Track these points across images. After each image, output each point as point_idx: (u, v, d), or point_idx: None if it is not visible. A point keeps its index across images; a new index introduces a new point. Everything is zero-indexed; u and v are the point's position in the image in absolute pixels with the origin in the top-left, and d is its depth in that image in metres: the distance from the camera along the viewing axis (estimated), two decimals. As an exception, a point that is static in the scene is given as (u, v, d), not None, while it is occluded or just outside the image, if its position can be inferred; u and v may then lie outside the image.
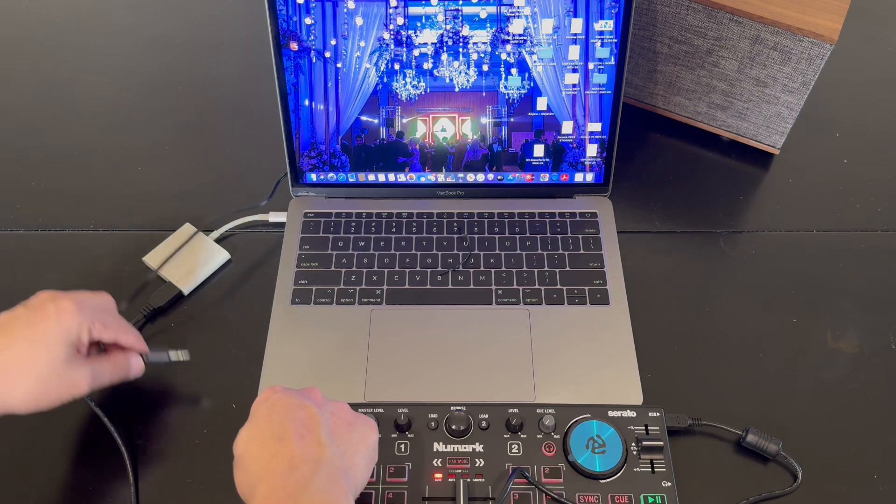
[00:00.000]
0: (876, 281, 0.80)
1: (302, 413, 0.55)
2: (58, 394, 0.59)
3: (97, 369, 0.62)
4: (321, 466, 0.53)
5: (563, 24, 0.75)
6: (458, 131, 0.80)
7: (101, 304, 0.65)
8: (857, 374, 0.73)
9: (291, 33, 0.75)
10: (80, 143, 0.92)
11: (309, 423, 0.55)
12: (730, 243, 0.83)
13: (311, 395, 0.58)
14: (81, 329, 0.60)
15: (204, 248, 0.81)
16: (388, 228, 0.82)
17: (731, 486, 0.66)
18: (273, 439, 0.54)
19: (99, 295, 0.66)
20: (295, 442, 0.54)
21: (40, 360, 0.58)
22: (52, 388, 0.59)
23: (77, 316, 0.60)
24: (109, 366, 0.63)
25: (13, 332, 0.58)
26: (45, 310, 0.59)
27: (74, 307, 0.60)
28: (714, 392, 0.72)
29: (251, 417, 0.57)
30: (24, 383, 0.57)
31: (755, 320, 0.77)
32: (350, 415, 0.58)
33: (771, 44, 0.80)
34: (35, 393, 0.58)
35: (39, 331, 0.58)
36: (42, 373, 0.58)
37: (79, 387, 0.60)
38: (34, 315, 0.59)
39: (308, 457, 0.53)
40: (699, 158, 0.90)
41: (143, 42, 1.04)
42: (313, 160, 0.81)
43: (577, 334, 0.74)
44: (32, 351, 0.58)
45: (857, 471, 0.67)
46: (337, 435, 0.56)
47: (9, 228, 0.84)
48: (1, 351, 0.57)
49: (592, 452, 0.64)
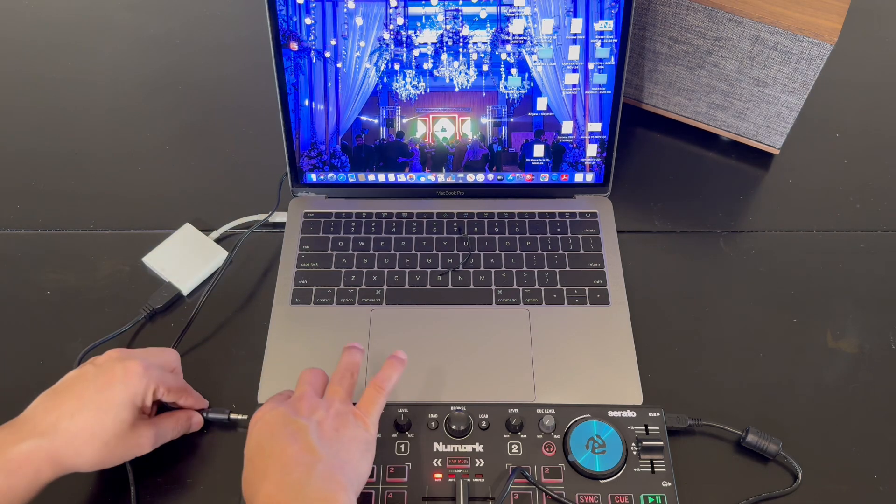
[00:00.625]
0: (876, 281, 0.80)
1: (289, 428, 0.57)
2: (122, 455, 0.61)
3: (160, 429, 0.64)
4: (316, 466, 0.55)
5: (563, 24, 0.75)
6: (458, 131, 0.80)
7: (165, 363, 0.66)
8: (857, 374, 0.73)
9: (291, 33, 0.75)
10: (80, 143, 0.92)
11: (298, 435, 0.56)
12: (730, 243, 0.83)
13: (298, 410, 0.59)
14: (147, 392, 0.62)
15: (204, 248, 0.81)
16: (388, 228, 0.82)
17: (731, 486, 0.66)
18: (265, 456, 0.56)
19: (165, 353, 0.68)
20: (286, 452, 0.55)
21: (107, 426, 0.59)
22: (118, 450, 0.61)
23: (143, 379, 0.61)
24: (172, 424, 0.65)
25: (82, 396, 0.59)
26: (114, 372, 0.61)
27: (141, 370, 0.61)
28: (714, 392, 0.72)
29: (248, 436, 0.59)
30: (90, 448, 0.59)
31: (755, 320, 0.77)
32: (336, 420, 0.59)
33: (771, 44, 0.80)
34: (100, 455, 0.60)
35: (107, 396, 0.60)
36: (109, 438, 0.59)
37: (142, 447, 0.62)
38: (102, 377, 0.60)
39: (300, 460, 0.55)
40: (699, 158, 0.91)
41: (143, 42, 1.04)
42: (313, 160, 0.81)
43: (577, 334, 0.74)
44: (100, 417, 0.59)
45: (857, 471, 0.67)
46: (326, 439, 0.57)
47: (9, 228, 0.84)
48: (72, 416, 0.58)
49: (592, 452, 0.64)
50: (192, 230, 0.82)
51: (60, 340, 0.75)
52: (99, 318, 0.76)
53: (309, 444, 0.56)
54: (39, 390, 0.60)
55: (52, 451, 0.57)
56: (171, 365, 0.67)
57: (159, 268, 0.79)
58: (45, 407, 0.59)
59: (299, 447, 0.56)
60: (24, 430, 0.57)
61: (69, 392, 0.60)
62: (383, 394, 0.62)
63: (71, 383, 0.61)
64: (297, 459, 0.55)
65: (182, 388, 0.66)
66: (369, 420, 0.61)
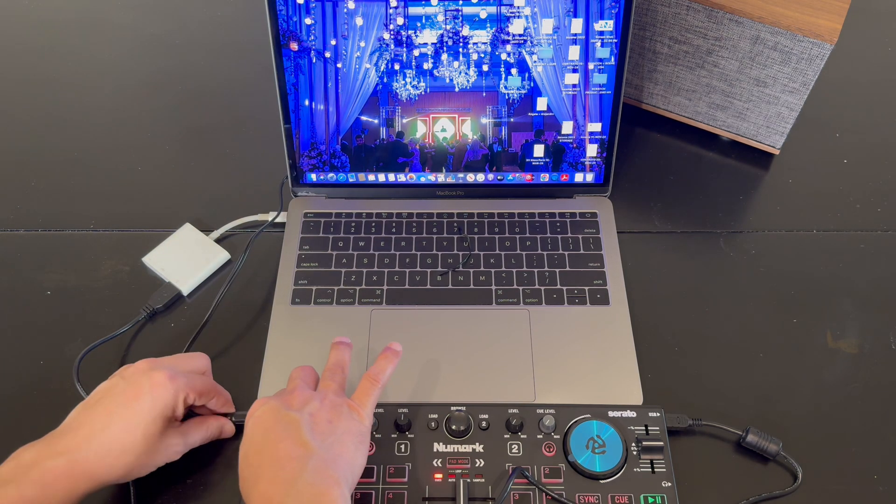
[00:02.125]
0: (876, 281, 0.80)
1: (282, 423, 0.57)
2: (153, 463, 0.62)
3: (190, 436, 0.64)
4: (308, 461, 0.54)
5: (563, 24, 0.75)
6: (458, 131, 0.80)
7: (195, 368, 0.66)
8: (857, 374, 0.73)
9: (291, 33, 0.75)
10: (79, 143, 0.92)
11: (289, 429, 0.56)
12: (730, 243, 0.83)
13: (290, 403, 0.59)
14: (177, 401, 0.61)
15: (204, 248, 0.81)
16: (388, 228, 0.82)
17: (731, 486, 0.66)
18: (258, 454, 0.56)
19: (194, 358, 0.67)
20: (279, 448, 0.55)
21: (137, 440, 0.59)
22: (148, 460, 0.61)
23: (171, 389, 0.61)
24: (202, 430, 0.65)
25: (111, 411, 0.59)
26: (140, 385, 0.60)
27: (168, 380, 0.61)
28: (714, 392, 0.72)
29: (244, 434, 0.58)
30: (121, 462, 0.59)
31: (755, 320, 0.77)
32: (330, 411, 0.59)
33: (771, 44, 0.80)
34: (131, 467, 0.60)
35: (135, 410, 0.59)
36: (139, 451, 0.60)
37: (171, 456, 0.63)
38: (130, 390, 0.60)
39: (293, 455, 0.55)
40: (699, 158, 0.91)
41: (143, 42, 1.04)
42: (313, 160, 0.81)
43: (577, 334, 0.74)
44: (130, 431, 0.59)
45: (857, 471, 0.67)
46: (318, 432, 0.57)
47: (9, 228, 0.84)
48: (102, 431, 0.58)
49: (592, 452, 0.64)
50: (192, 230, 0.82)
51: (60, 340, 0.75)
52: (99, 318, 0.76)
53: (301, 439, 0.56)
54: (40, 390, 0.60)
55: (86, 465, 0.57)
56: (202, 369, 0.67)
57: (159, 268, 0.79)
58: (78, 422, 0.59)
59: (292, 442, 0.55)
60: (60, 445, 0.58)
61: (99, 406, 0.60)
62: (378, 386, 0.63)
63: (101, 397, 0.61)
64: (290, 454, 0.55)
65: (211, 390, 0.66)
66: (364, 412, 0.61)
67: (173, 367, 0.63)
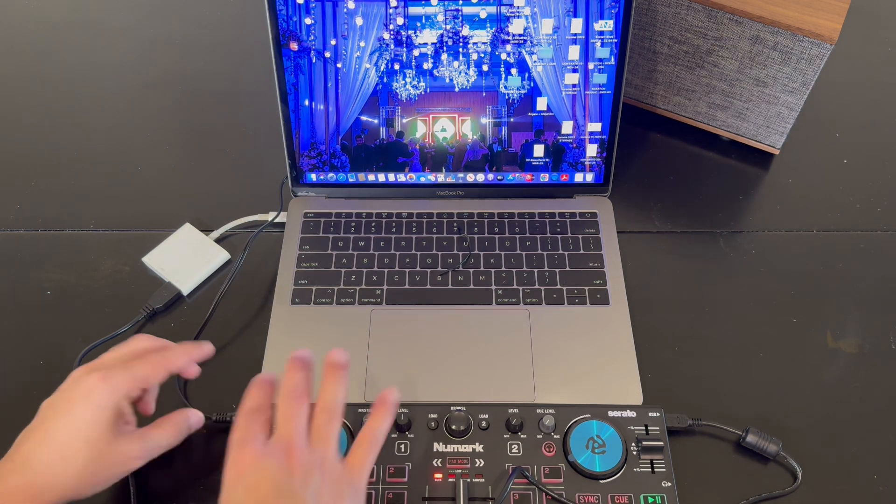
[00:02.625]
0: (876, 281, 0.80)
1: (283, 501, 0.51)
2: (110, 474, 0.58)
3: (149, 440, 0.60)
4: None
5: (563, 24, 0.75)
6: (458, 131, 0.80)
7: (132, 354, 0.61)
8: (857, 374, 0.73)
9: (291, 33, 0.75)
10: (79, 143, 0.92)
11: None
12: (730, 243, 0.83)
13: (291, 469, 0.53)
14: (116, 401, 0.57)
15: (204, 248, 0.81)
16: (387, 228, 0.82)
17: (731, 486, 0.66)
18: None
19: (130, 343, 0.63)
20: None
21: (79, 449, 0.56)
22: (102, 470, 0.57)
23: (106, 390, 0.57)
24: (164, 431, 0.61)
25: (47, 423, 0.57)
26: (73, 393, 0.57)
27: (100, 382, 0.57)
28: (714, 392, 0.72)
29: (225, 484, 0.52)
30: (67, 475, 0.55)
31: (755, 320, 0.77)
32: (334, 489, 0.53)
33: (771, 44, 0.80)
34: (82, 480, 0.56)
35: (71, 419, 0.56)
36: (85, 462, 0.56)
37: (130, 463, 0.59)
38: (63, 401, 0.57)
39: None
40: (699, 158, 0.91)
41: (143, 42, 1.04)
42: (313, 160, 0.81)
43: (577, 334, 0.74)
44: (68, 442, 0.56)
45: (857, 471, 0.67)
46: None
47: (9, 228, 0.84)
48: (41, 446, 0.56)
49: (592, 452, 0.64)
50: (192, 230, 0.82)
51: (60, 340, 0.75)
52: (99, 318, 0.76)
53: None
54: (40, 390, 0.60)
55: (31, 485, 0.54)
56: (144, 350, 0.62)
57: (159, 268, 0.79)
58: (19, 441, 0.57)
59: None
60: (5, 469, 0.55)
61: (38, 422, 0.57)
62: (376, 448, 0.58)
63: (41, 413, 0.58)
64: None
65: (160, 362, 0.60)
66: (363, 482, 0.56)
67: (110, 366, 0.59)
